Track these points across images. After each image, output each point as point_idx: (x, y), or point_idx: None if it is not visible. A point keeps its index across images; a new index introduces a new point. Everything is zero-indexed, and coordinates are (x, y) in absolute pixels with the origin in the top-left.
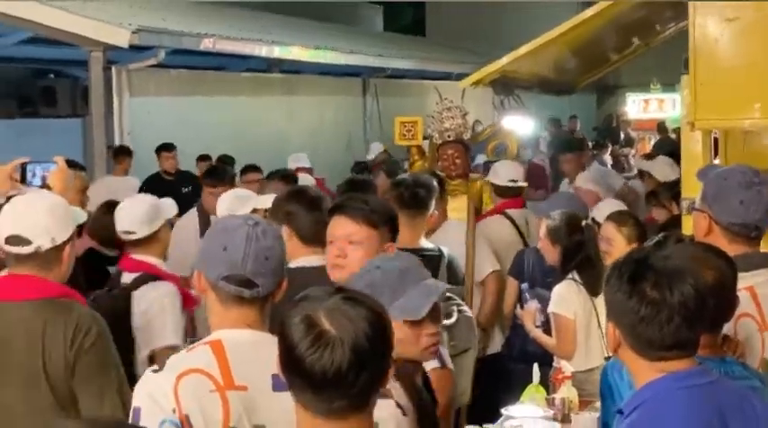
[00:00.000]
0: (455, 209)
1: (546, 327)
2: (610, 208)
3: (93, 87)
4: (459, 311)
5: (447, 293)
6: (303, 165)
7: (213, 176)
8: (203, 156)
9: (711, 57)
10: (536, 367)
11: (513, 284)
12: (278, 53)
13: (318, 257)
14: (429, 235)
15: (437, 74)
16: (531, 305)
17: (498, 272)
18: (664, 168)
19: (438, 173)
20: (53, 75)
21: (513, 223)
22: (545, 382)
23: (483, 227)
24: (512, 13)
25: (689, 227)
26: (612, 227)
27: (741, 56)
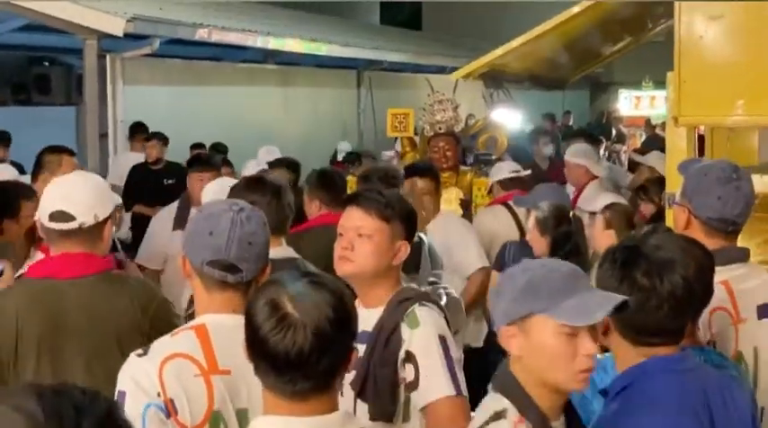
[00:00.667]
0: (445, 200)
1: None
2: (605, 200)
3: (88, 75)
4: (447, 294)
5: (431, 278)
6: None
7: (200, 162)
8: (197, 145)
9: (696, 54)
10: None
11: (496, 277)
12: (274, 44)
13: (281, 249)
14: (423, 226)
15: (432, 67)
16: None
17: (486, 269)
18: (657, 163)
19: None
20: (47, 63)
21: (513, 213)
22: None
23: (480, 217)
24: (510, 9)
25: (672, 221)
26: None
27: (726, 53)
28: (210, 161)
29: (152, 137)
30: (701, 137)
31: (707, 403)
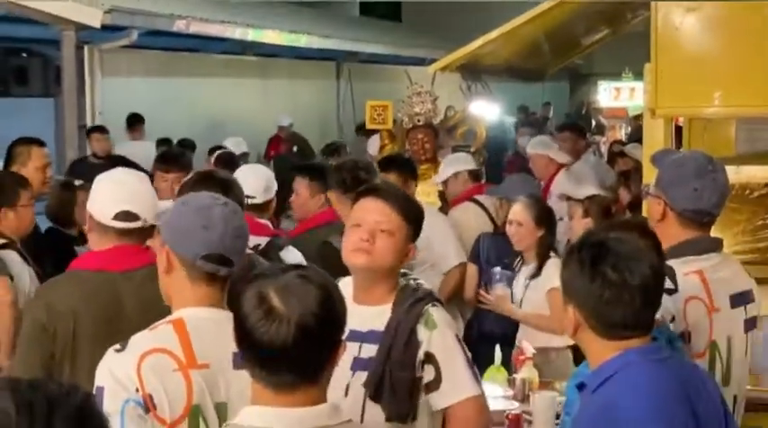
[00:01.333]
0: (424, 193)
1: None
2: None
3: (66, 67)
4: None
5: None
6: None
7: (166, 161)
8: (163, 140)
9: (673, 46)
10: (498, 348)
11: (473, 269)
12: (252, 36)
13: None
14: None
15: (411, 59)
16: (498, 288)
17: (463, 265)
18: (637, 154)
19: (408, 157)
20: (25, 55)
21: (484, 208)
22: (507, 363)
23: (453, 215)
24: (490, 1)
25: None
26: (575, 205)
27: (702, 45)
28: (175, 160)
29: (103, 130)
30: (678, 128)
31: (686, 390)
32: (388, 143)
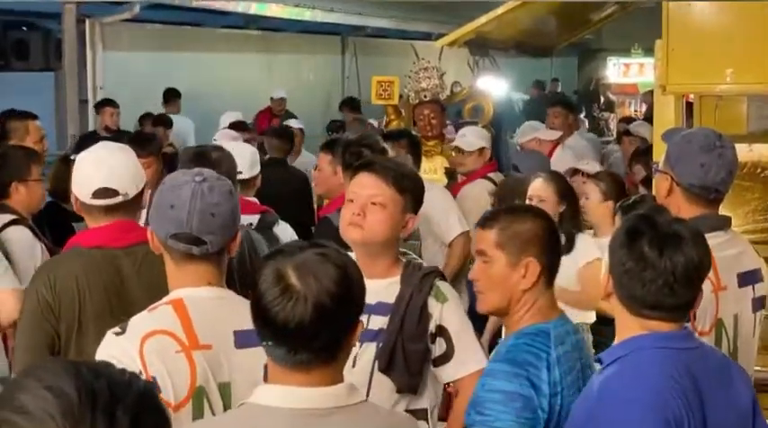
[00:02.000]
0: (430, 170)
1: None
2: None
3: (67, 40)
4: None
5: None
6: (282, 95)
7: (137, 143)
8: (146, 115)
9: (684, 22)
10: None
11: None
12: (256, 10)
13: None
14: None
15: (417, 34)
16: None
17: (466, 234)
18: (646, 132)
19: (413, 133)
20: (25, 28)
21: (496, 185)
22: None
23: (470, 190)
24: None
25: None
26: (591, 185)
27: (714, 21)
28: (146, 143)
29: (113, 104)
30: (689, 104)
31: (696, 384)
32: (395, 119)
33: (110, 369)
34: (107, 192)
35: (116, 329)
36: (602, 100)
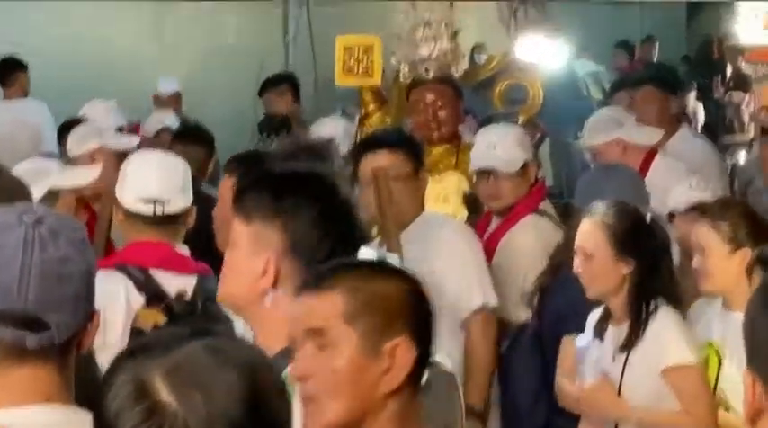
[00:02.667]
0: (438, 196)
1: None
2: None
3: None
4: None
5: None
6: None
7: None
8: None
9: None
10: None
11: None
12: None
13: None
14: (392, 236)
15: None
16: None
17: (488, 310)
18: None
19: (407, 133)
20: None
21: (555, 222)
22: None
23: (515, 241)
24: None
25: None
26: (706, 227)
27: None
28: None
29: None
30: None
31: None
32: (375, 109)
33: None
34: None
35: None
36: (728, 73)
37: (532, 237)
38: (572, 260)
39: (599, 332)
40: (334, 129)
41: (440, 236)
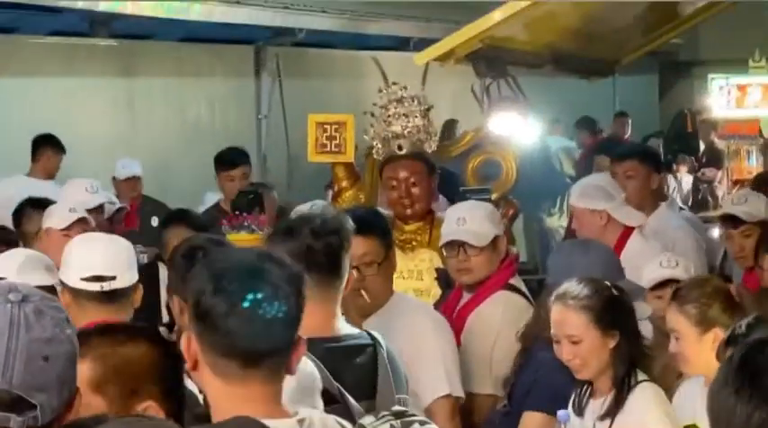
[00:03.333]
0: (412, 274)
1: None
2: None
3: None
4: None
5: (396, 406)
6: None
7: None
8: None
9: None
10: None
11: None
12: (106, 6)
13: None
14: (364, 316)
15: (385, 40)
16: None
17: (452, 399)
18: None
19: (381, 211)
20: None
21: (528, 299)
22: None
23: (481, 318)
24: None
25: None
26: (675, 311)
27: None
28: None
29: None
30: None
31: None
32: (347, 187)
33: None
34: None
35: None
36: (701, 147)
37: (500, 312)
38: (542, 337)
39: (579, 407)
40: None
41: (411, 323)
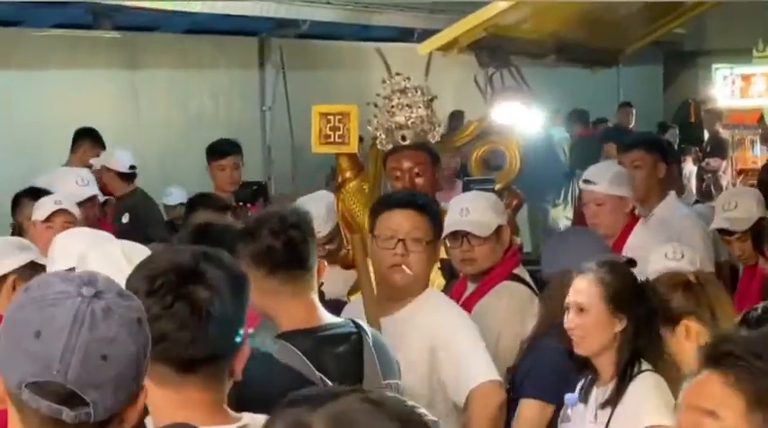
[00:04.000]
0: None
1: None
2: (663, 262)
3: None
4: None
5: (390, 392)
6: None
7: None
8: None
9: None
10: None
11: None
12: None
13: None
14: (396, 299)
15: (388, 31)
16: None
17: (497, 383)
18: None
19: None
20: None
21: (532, 289)
22: None
23: (486, 308)
24: None
25: None
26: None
27: None
28: None
29: None
30: None
31: None
32: (351, 178)
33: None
34: None
35: None
36: (705, 136)
37: (505, 303)
38: (548, 329)
39: (584, 396)
40: (317, 208)
41: (445, 315)
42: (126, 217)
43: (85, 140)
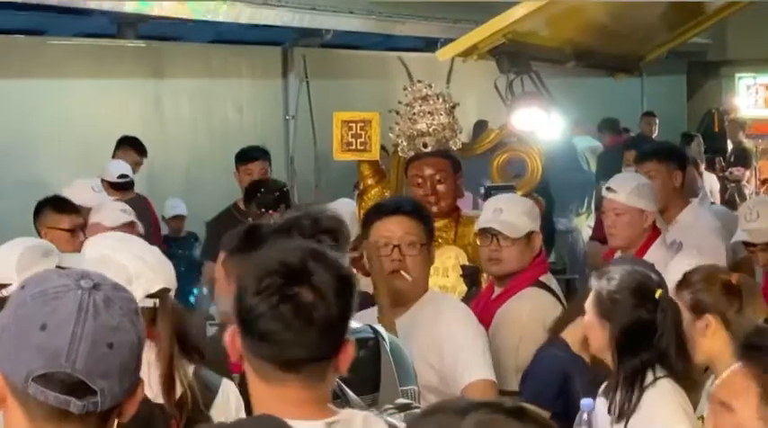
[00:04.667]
0: (437, 270)
1: None
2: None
3: None
4: None
5: (401, 398)
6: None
7: None
8: None
9: None
10: None
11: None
12: (133, 8)
13: None
14: (399, 304)
15: (410, 41)
16: None
17: (490, 383)
18: None
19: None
20: None
21: (557, 297)
22: None
23: (511, 312)
24: None
25: None
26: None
27: None
28: None
29: None
30: None
31: None
32: (373, 184)
33: None
34: None
35: None
36: (729, 147)
37: (528, 308)
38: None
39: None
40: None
41: (447, 314)
42: None
43: (126, 148)
